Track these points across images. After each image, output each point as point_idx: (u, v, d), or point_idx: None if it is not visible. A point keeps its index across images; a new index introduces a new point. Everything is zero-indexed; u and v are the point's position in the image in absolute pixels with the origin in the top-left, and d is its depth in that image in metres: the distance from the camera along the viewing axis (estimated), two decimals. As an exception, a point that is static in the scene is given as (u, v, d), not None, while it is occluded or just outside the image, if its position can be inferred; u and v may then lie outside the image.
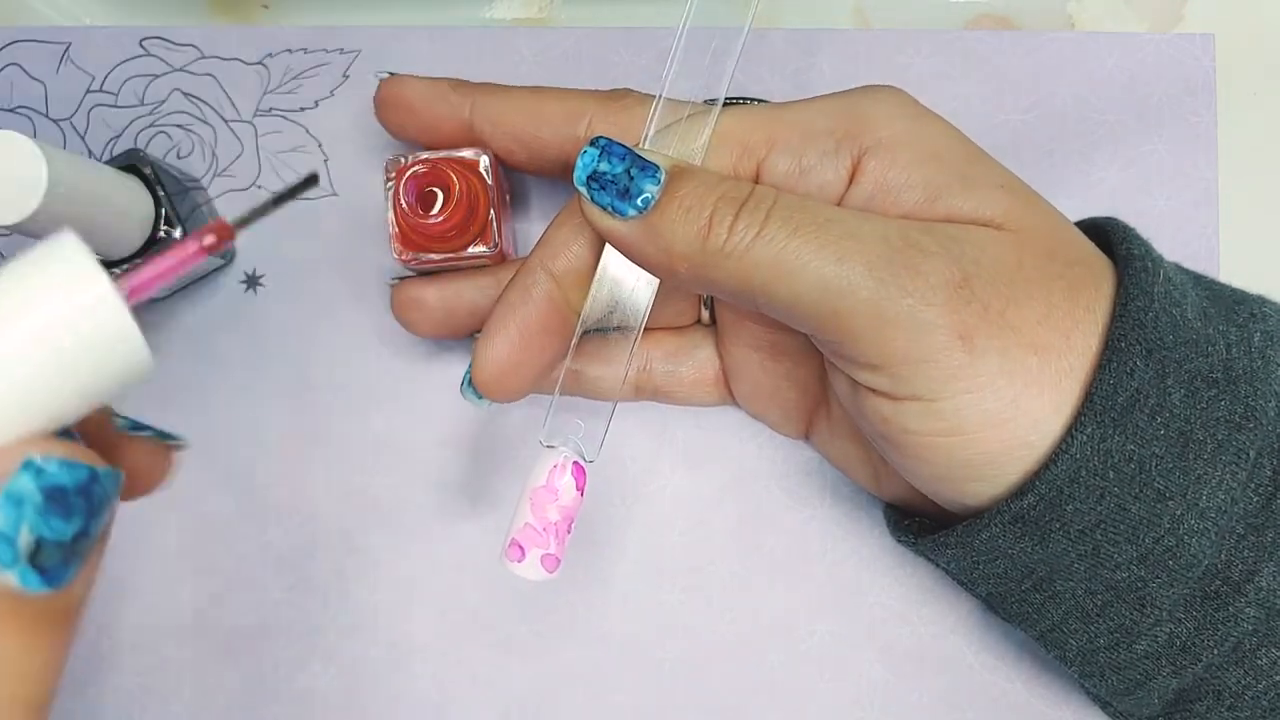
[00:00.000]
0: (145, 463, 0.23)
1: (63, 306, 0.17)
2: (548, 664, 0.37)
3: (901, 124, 0.29)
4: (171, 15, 0.40)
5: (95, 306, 0.17)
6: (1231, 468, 0.27)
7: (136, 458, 0.23)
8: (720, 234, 0.26)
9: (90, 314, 0.17)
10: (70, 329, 0.17)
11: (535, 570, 0.30)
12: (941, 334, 0.26)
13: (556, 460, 0.30)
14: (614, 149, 0.27)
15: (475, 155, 0.33)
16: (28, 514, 0.18)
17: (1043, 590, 0.29)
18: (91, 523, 0.19)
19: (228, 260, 0.38)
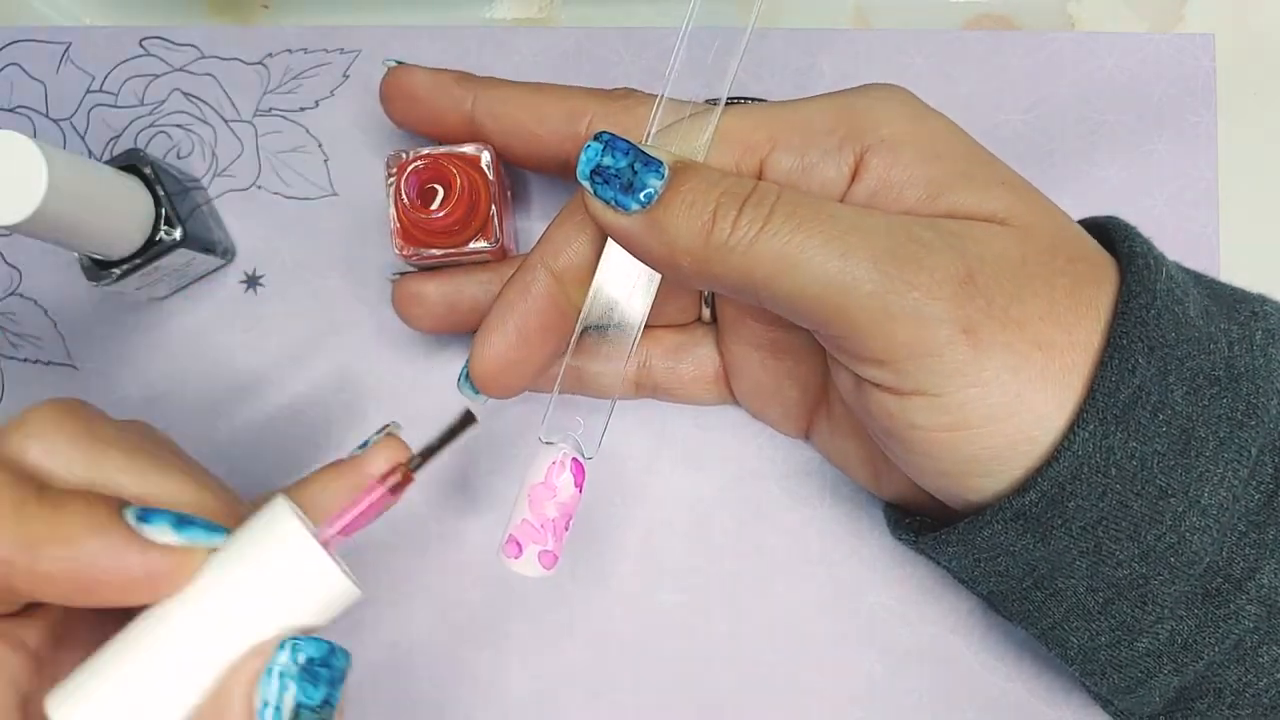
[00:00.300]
0: (385, 462, 0.27)
1: (297, 580, 0.23)
2: (548, 664, 0.37)
3: (904, 122, 0.29)
4: (171, 15, 0.40)
5: (322, 578, 0.23)
6: (1233, 465, 0.27)
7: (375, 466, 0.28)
8: (724, 228, 0.26)
9: (318, 582, 0.23)
10: (293, 582, 0.23)
11: (533, 567, 0.30)
12: (946, 329, 0.26)
13: (555, 457, 0.30)
14: (618, 144, 0.27)
15: (477, 151, 0.34)
16: (287, 684, 0.23)
17: (1044, 588, 0.29)
18: (333, 691, 0.23)
19: (228, 260, 0.38)
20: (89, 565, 0.22)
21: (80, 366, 0.38)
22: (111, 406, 0.37)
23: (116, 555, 0.22)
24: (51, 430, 0.24)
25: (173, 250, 0.35)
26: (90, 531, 0.22)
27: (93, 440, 0.25)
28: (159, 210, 0.35)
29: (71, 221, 0.31)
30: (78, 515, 0.22)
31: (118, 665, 0.23)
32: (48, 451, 0.24)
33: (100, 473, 0.24)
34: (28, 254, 0.38)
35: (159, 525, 0.23)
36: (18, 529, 0.22)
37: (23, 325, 0.38)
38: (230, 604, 0.23)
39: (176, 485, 0.25)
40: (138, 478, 0.24)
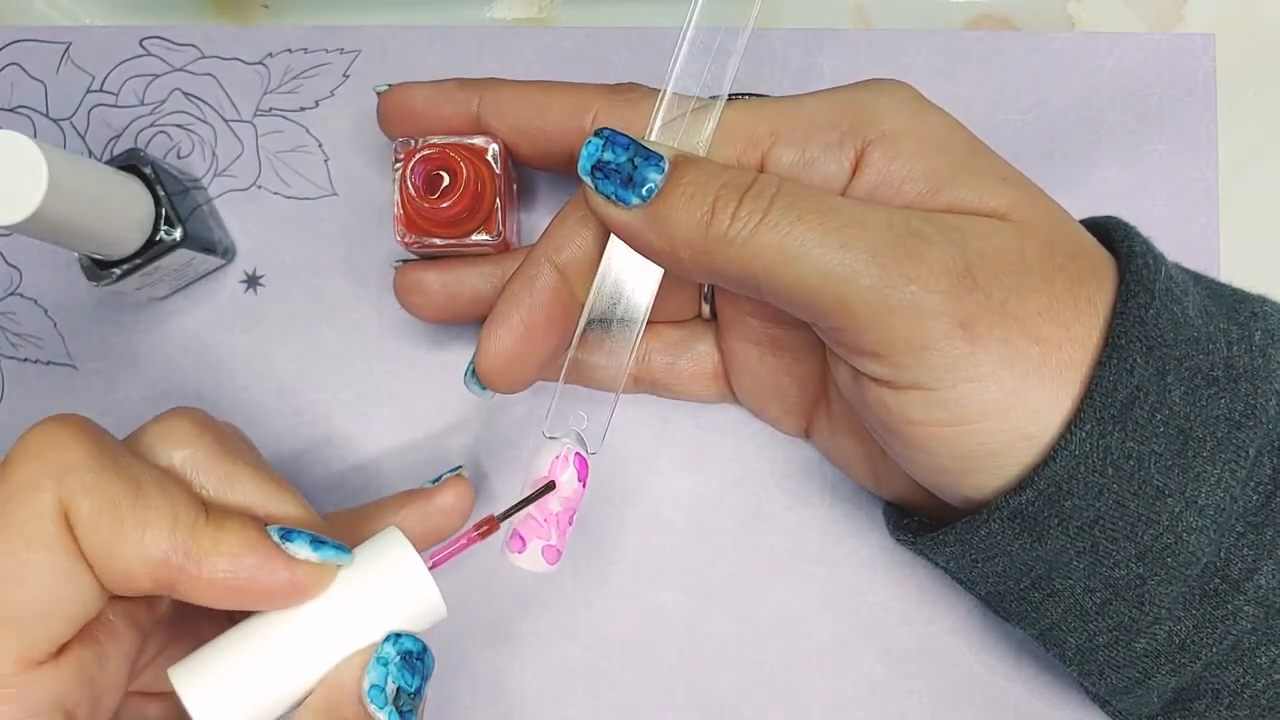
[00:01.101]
0: (451, 497, 0.33)
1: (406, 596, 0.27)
2: (548, 664, 0.37)
3: (905, 117, 0.29)
4: (171, 15, 0.40)
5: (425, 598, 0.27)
6: (1231, 465, 0.27)
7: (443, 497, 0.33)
8: (724, 220, 0.27)
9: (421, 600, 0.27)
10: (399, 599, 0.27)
11: (536, 562, 0.30)
12: (943, 322, 0.26)
13: (559, 452, 0.30)
14: (618, 139, 0.27)
15: (485, 143, 0.34)
16: (391, 670, 0.26)
17: (1041, 588, 0.29)
18: (424, 684, 0.27)
19: (228, 260, 0.38)
20: (246, 577, 0.26)
21: (80, 366, 0.38)
22: (111, 406, 0.38)
23: (269, 570, 0.26)
24: (193, 444, 0.28)
25: (173, 250, 0.35)
26: (248, 549, 0.26)
27: (226, 457, 0.28)
28: (159, 210, 0.35)
29: (71, 221, 0.31)
30: (238, 534, 0.26)
31: (241, 649, 0.27)
32: (189, 463, 0.28)
33: (233, 490, 0.28)
34: (28, 254, 0.38)
35: (299, 544, 0.27)
36: (191, 541, 0.25)
37: (23, 325, 0.38)
38: (350, 609, 0.27)
39: (295, 505, 0.28)
40: (264, 497, 0.28)
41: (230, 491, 0.28)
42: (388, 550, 0.28)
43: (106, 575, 0.25)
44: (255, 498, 0.28)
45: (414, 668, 0.27)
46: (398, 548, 0.27)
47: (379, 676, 0.26)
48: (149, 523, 0.25)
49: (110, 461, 0.25)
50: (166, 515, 0.25)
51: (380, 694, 0.26)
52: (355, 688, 0.26)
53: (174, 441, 0.28)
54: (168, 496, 0.26)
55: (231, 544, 0.26)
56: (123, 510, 0.25)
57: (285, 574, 0.26)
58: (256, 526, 0.27)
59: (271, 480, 0.29)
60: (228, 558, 0.26)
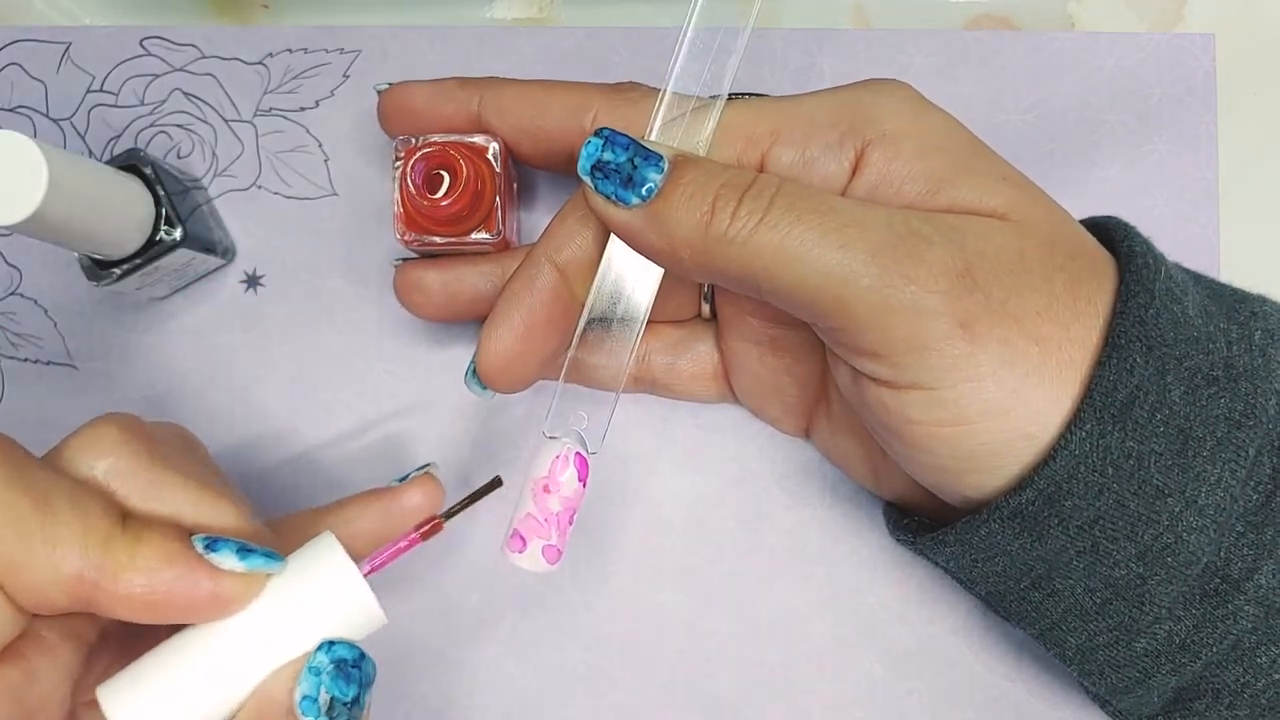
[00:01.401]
0: (419, 496, 0.31)
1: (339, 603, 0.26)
2: (548, 664, 0.37)
3: (905, 117, 0.29)
4: (171, 15, 0.40)
5: (359, 603, 0.26)
6: (1231, 465, 0.27)
7: (409, 496, 0.31)
8: (723, 219, 0.27)
9: (356, 606, 0.26)
10: (333, 607, 0.26)
11: (536, 561, 0.30)
12: (943, 322, 0.26)
13: (559, 451, 0.30)
14: (617, 139, 0.27)
15: (485, 141, 0.34)
16: (325, 679, 0.25)
17: (1041, 588, 0.29)
18: (363, 693, 0.26)
19: (228, 260, 0.38)
20: (165, 591, 0.25)
21: (80, 366, 0.38)
22: (111, 406, 0.37)
23: (190, 583, 0.25)
24: (117, 452, 0.26)
25: (173, 250, 0.35)
26: (167, 562, 0.25)
27: (154, 464, 0.27)
28: (159, 210, 0.35)
29: (71, 221, 0.31)
30: (156, 546, 0.25)
31: (170, 663, 0.26)
32: (113, 472, 0.26)
33: (161, 499, 0.27)
34: (28, 254, 0.38)
35: (224, 554, 0.25)
36: (104, 557, 0.24)
37: (23, 325, 0.38)
38: (280, 620, 0.26)
39: (229, 513, 0.27)
40: (194, 505, 0.27)
41: (158, 501, 0.26)
42: (320, 556, 0.27)
43: (19, 595, 0.24)
44: (185, 506, 0.27)
45: (349, 676, 0.26)
46: (330, 553, 0.27)
47: (311, 687, 0.25)
48: (58, 539, 0.24)
49: (15, 477, 0.24)
50: (76, 531, 0.24)
51: (313, 705, 0.25)
52: (287, 699, 0.25)
53: (97, 450, 0.26)
54: (79, 510, 0.25)
55: (149, 557, 0.25)
56: (29, 528, 0.24)
57: (208, 585, 0.25)
58: (178, 537, 0.25)
59: (203, 487, 0.27)
60: (144, 572, 0.24)
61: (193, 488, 0.27)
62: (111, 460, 0.26)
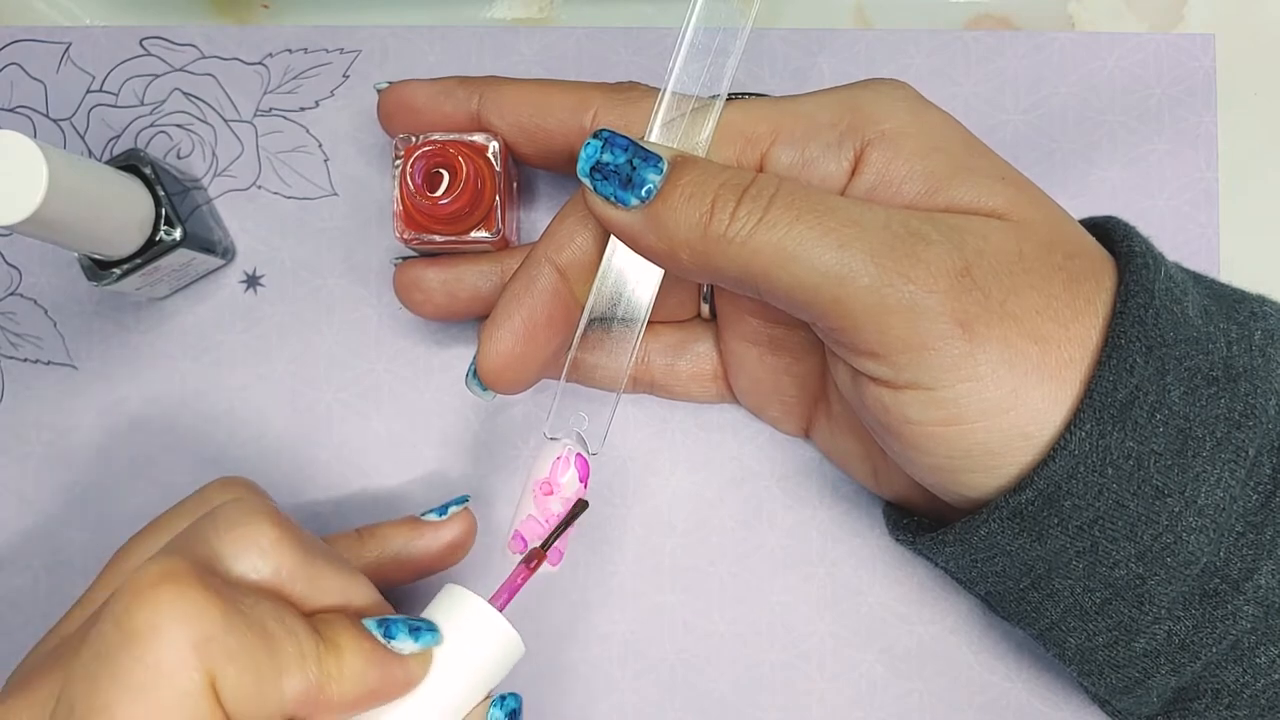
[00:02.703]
0: (453, 531, 0.33)
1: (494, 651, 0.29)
2: (548, 664, 0.37)
3: (904, 116, 0.29)
4: (171, 15, 0.40)
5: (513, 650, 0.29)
6: (1230, 465, 0.27)
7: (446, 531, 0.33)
8: (723, 220, 0.27)
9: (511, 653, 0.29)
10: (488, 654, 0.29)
11: None
12: (942, 322, 0.26)
13: (560, 452, 0.30)
14: (616, 140, 0.27)
15: (485, 140, 0.34)
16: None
17: (1041, 588, 0.29)
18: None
19: (228, 260, 0.38)
20: (374, 689, 0.27)
21: (80, 366, 0.38)
22: (111, 406, 0.38)
23: (390, 677, 0.27)
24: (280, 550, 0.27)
25: (173, 250, 0.35)
26: (370, 664, 0.26)
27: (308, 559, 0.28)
28: (159, 210, 0.35)
29: (71, 221, 0.31)
30: (354, 652, 0.26)
31: None
32: (280, 572, 0.27)
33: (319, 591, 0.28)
34: (28, 254, 0.38)
35: (402, 639, 0.27)
36: (319, 674, 0.26)
37: (23, 325, 0.38)
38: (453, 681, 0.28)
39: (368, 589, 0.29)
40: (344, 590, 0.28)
41: (319, 594, 0.28)
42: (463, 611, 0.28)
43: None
44: (338, 594, 0.28)
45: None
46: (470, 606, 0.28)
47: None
48: (284, 669, 0.25)
49: (240, 617, 0.25)
50: (295, 656, 0.25)
51: None
52: None
53: (260, 551, 0.27)
54: (292, 635, 0.26)
55: (353, 664, 0.26)
56: (262, 667, 0.25)
57: (401, 673, 0.27)
58: (366, 636, 0.27)
59: (345, 569, 0.29)
60: (353, 680, 0.26)
61: (340, 572, 0.28)
62: (275, 562, 0.27)
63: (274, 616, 0.26)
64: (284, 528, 0.28)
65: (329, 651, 0.26)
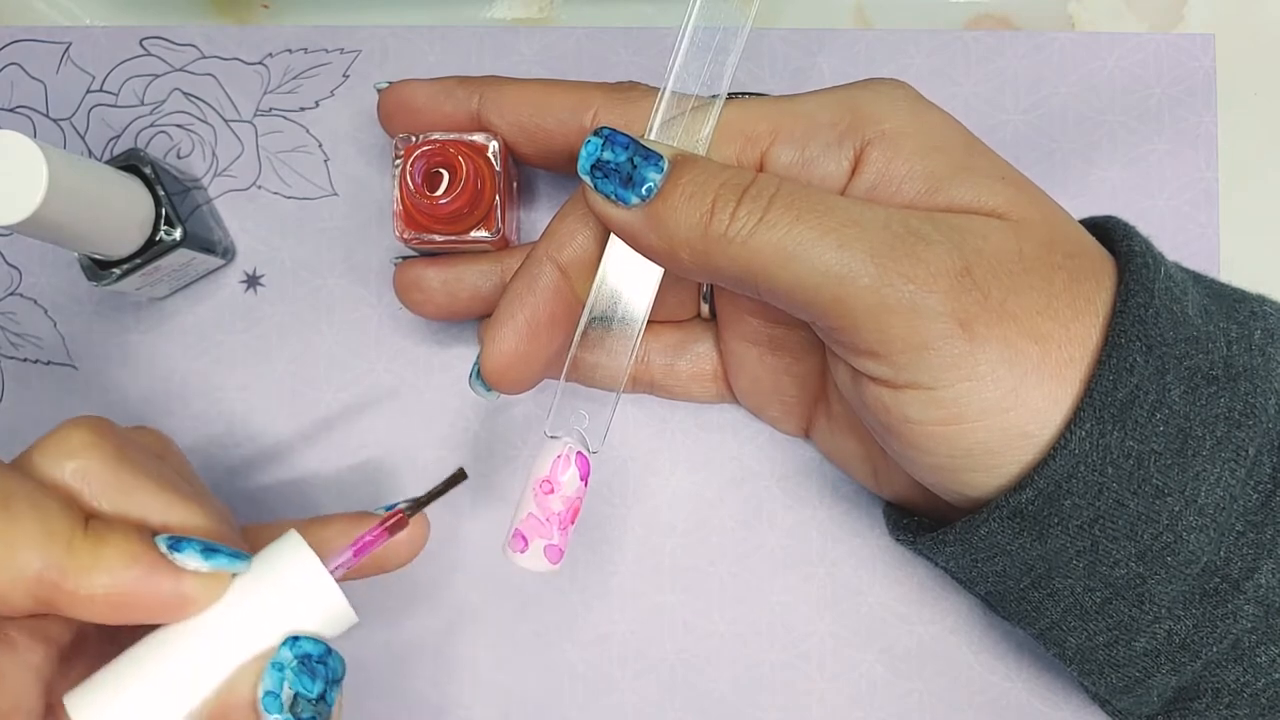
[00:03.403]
0: (406, 531, 0.29)
1: (305, 601, 0.26)
2: (548, 664, 0.37)
3: (904, 116, 0.29)
4: (171, 15, 0.40)
5: (326, 600, 0.26)
6: (1230, 465, 0.27)
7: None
8: (723, 220, 0.27)
9: (322, 603, 0.26)
10: (300, 604, 0.26)
11: (538, 561, 0.30)
12: (942, 321, 0.26)
13: (560, 451, 0.30)
14: (617, 138, 0.27)
15: (485, 140, 0.34)
16: (288, 675, 0.25)
17: (1041, 588, 0.29)
18: (329, 689, 0.26)
19: (228, 260, 0.38)
20: (128, 592, 0.25)
21: (80, 366, 0.38)
22: (111, 406, 0.38)
23: (152, 583, 0.25)
24: (85, 454, 0.26)
25: (173, 250, 0.35)
26: (130, 561, 0.25)
27: (122, 466, 0.26)
28: (159, 210, 0.35)
29: (71, 221, 0.31)
30: (118, 547, 0.25)
31: (135, 666, 0.26)
32: (81, 474, 0.26)
33: (129, 501, 0.26)
34: (28, 254, 0.38)
35: (189, 553, 0.25)
36: (65, 558, 0.24)
37: (23, 325, 0.38)
38: (246, 619, 0.26)
39: (197, 514, 0.27)
40: (163, 506, 0.27)
41: (126, 503, 0.26)
42: (285, 554, 0.26)
43: None
44: (153, 509, 0.26)
45: (314, 671, 0.25)
46: (296, 551, 0.26)
47: (274, 682, 0.25)
48: (18, 541, 0.24)
49: None
50: (37, 532, 0.24)
51: (275, 700, 0.25)
52: (250, 695, 0.25)
53: (64, 451, 0.26)
54: (39, 511, 0.25)
55: (111, 557, 0.25)
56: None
57: (171, 585, 0.25)
58: (141, 538, 0.25)
59: (172, 489, 0.27)
60: (107, 572, 0.24)
61: (161, 490, 0.27)
62: (79, 462, 0.26)
63: (26, 495, 0.25)
64: (101, 434, 0.27)
65: (87, 540, 0.25)
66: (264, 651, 0.26)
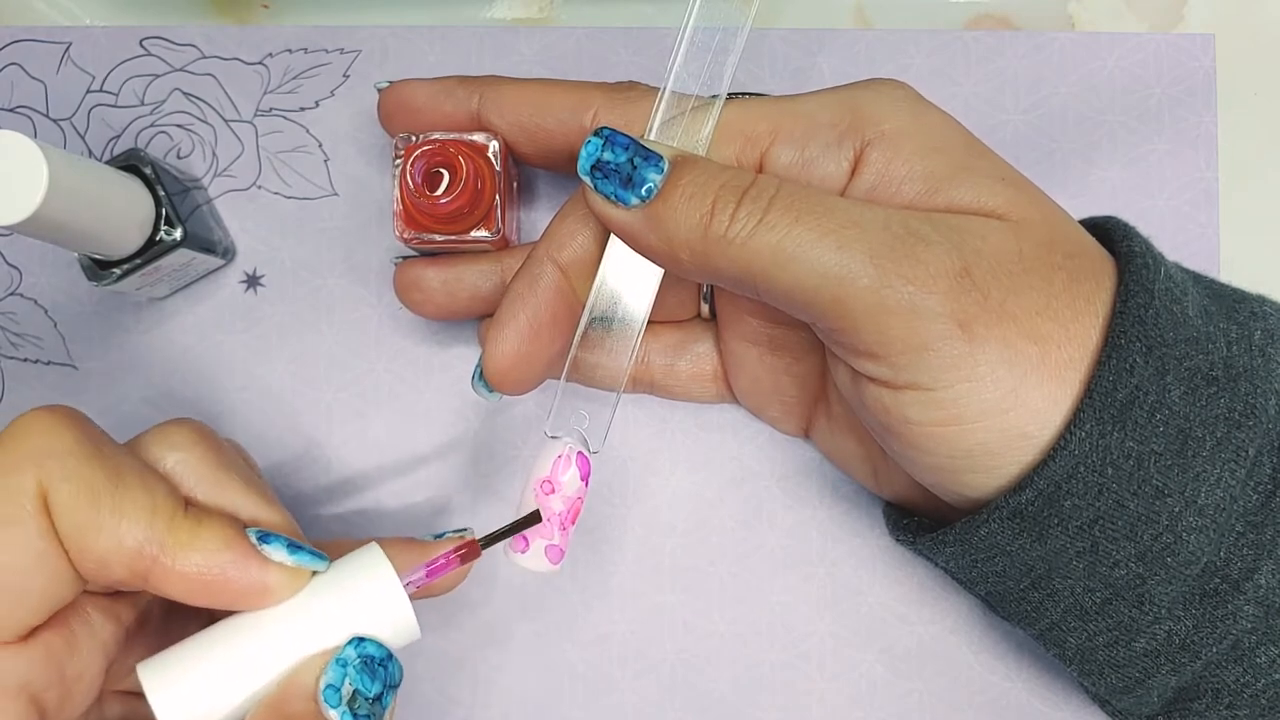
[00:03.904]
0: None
1: (376, 607, 0.27)
2: (548, 664, 0.37)
3: (904, 117, 0.29)
4: (171, 15, 0.40)
5: (396, 610, 0.27)
6: (1230, 465, 0.27)
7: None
8: (723, 221, 0.27)
9: (391, 613, 0.27)
10: (370, 611, 0.27)
11: (539, 561, 0.30)
12: (941, 322, 0.26)
13: (561, 451, 0.30)
14: (617, 139, 0.27)
15: (485, 140, 0.34)
16: (349, 672, 0.26)
17: (1041, 588, 0.29)
18: (386, 693, 0.27)
19: (228, 260, 0.38)
20: (218, 574, 0.26)
21: (80, 366, 0.38)
22: (111, 406, 0.38)
23: (241, 568, 0.26)
24: (188, 449, 0.28)
25: (173, 250, 0.35)
26: (224, 546, 0.26)
27: (219, 465, 0.28)
28: (159, 210, 0.35)
29: (71, 221, 0.31)
30: (215, 530, 0.26)
31: (208, 647, 0.27)
32: (182, 465, 0.28)
33: (222, 496, 0.28)
34: (28, 254, 0.38)
35: (276, 547, 0.27)
36: (167, 534, 0.26)
37: (23, 325, 0.38)
38: (319, 616, 0.27)
39: (279, 515, 0.28)
40: (252, 505, 0.28)
41: (219, 498, 0.28)
42: (364, 563, 0.28)
43: (81, 561, 0.25)
44: (242, 505, 0.28)
45: (374, 673, 0.26)
46: (375, 561, 0.28)
47: (336, 677, 0.26)
48: (126, 512, 0.25)
49: (94, 450, 0.26)
50: (145, 506, 0.25)
51: (335, 694, 0.26)
52: (312, 686, 0.26)
53: (169, 444, 0.28)
54: (148, 489, 0.26)
55: (208, 539, 0.26)
56: (101, 497, 0.25)
57: (258, 574, 0.26)
58: (235, 526, 0.27)
59: (261, 491, 0.29)
60: (202, 553, 0.26)
61: (250, 490, 0.28)
62: (182, 454, 0.28)
63: (135, 469, 0.26)
64: (202, 434, 0.29)
65: (187, 519, 0.26)
66: (331, 648, 0.27)
